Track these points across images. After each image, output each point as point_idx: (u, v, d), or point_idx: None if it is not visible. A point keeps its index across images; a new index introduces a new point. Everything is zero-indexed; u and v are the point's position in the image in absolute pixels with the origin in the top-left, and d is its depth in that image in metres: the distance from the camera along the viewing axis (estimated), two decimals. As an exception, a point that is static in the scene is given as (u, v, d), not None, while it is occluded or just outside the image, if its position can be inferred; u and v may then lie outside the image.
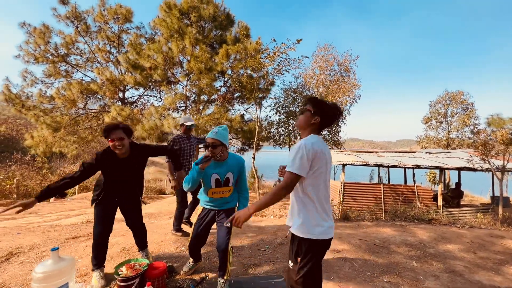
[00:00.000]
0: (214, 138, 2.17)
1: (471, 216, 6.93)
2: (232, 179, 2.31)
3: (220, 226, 2.34)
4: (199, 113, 10.72)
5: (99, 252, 2.45)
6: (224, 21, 11.79)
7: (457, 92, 14.25)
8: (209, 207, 2.39)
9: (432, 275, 2.85)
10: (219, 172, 2.25)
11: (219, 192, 2.29)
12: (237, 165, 2.32)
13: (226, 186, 2.30)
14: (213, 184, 2.27)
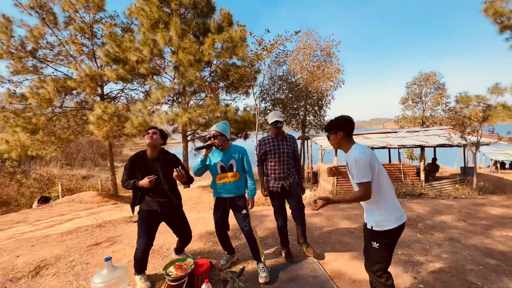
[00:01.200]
0: (215, 130, 2.54)
1: (450, 187, 7.80)
2: (235, 166, 2.60)
3: (237, 214, 2.65)
4: (188, 105, 10.52)
5: (141, 262, 2.50)
6: (205, 8, 11.36)
7: (430, 73, 15.32)
8: (221, 195, 2.64)
9: (436, 244, 3.28)
10: (223, 160, 2.58)
11: (225, 177, 2.58)
12: (238, 152, 2.63)
13: (231, 171, 2.58)
14: (219, 170, 2.58)
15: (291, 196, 2.79)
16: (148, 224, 2.48)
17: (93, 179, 20.42)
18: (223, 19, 11.35)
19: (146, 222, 2.47)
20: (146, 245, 2.42)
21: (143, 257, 2.45)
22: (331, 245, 3.31)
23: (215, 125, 2.61)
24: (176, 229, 2.77)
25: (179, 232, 2.80)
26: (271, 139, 2.81)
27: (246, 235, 2.61)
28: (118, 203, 11.89)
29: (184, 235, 2.82)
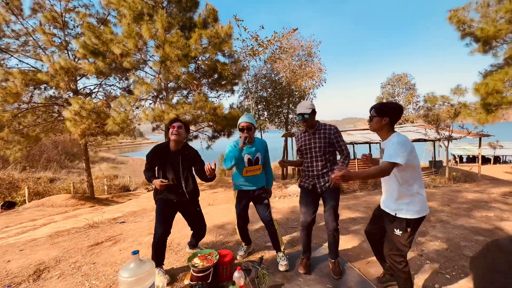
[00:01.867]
0: (249, 122, 2.51)
1: (426, 178, 8.53)
2: (260, 158, 2.63)
3: (258, 204, 2.66)
4: (171, 102, 10.17)
5: (160, 252, 2.45)
6: (189, 2, 11.09)
7: (402, 74, 16.56)
8: (244, 188, 2.64)
9: (430, 226, 3.60)
10: (250, 152, 2.57)
11: (252, 170, 2.58)
12: (262, 145, 2.65)
13: (257, 164, 2.60)
14: (247, 163, 2.57)
15: (325, 204, 2.39)
16: (165, 212, 2.46)
17: (60, 182, 18.91)
18: (208, 15, 11.15)
19: (163, 210, 2.46)
20: (163, 232, 2.39)
21: (161, 245, 2.41)
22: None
23: (245, 116, 2.56)
24: (191, 221, 2.73)
25: (193, 225, 2.76)
26: (302, 134, 2.51)
27: (267, 225, 2.63)
28: (95, 206, 11.18)
29: (199, 228, 2.79)
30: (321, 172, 2.36)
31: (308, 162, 2.43)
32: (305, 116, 2.32)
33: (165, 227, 2.42)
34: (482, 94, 9.51)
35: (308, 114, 2.32)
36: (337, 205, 2.34)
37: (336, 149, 2.41)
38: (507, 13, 9.76)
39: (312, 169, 2.41)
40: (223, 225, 3.85)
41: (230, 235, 3.47)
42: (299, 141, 2.51)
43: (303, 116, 2.33)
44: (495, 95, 9.06)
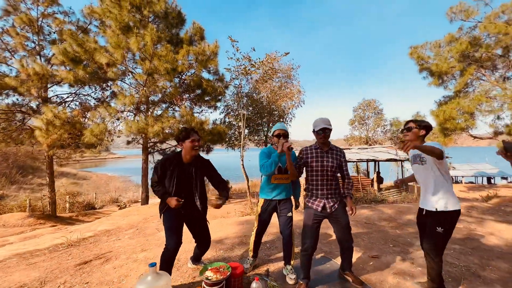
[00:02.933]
0: (284, 129, 2.62)
1: (397, 194, 9.26)
2: None
3: (282, 216, 2.68)
4: (151, 115, 9.93)
5: (171, 265, 2.37)
6: (176, 19, 11.33)
7: (371, 100, 18.27)
8: (270, 196, 2.67)
9: (413, 237, 3.93)
10: (281, 161, 2.57)
11: (280, 178, 2.61)
12: (293, 156, 2.62)
13: (286, 173, 2.61)
14: (276, 171, 2.61)
15: (337, 222, 2.35)
16: (175, 224, 2.40)
17: (10, 199, 16.76)
18: (195, 32, 11.45)
19: (174, 222, 2.40)
20: (177, 245, 2.34)
21: (173, 259, 2.36)
22: (334, 244, 3.61)
23: (280, 124, 2.68)
24: (196, 232, 2.65)
25: (199, 237, 2.69)
26: (315, 149, 2.39)
27: (286, 237, 2.64)
28: (58, 225, 10.08)
29: (205, 241, 2.73)
30: (331, 191, 2.33)
31: (319, 180, 2.34)
32: (326, 132, 2.27)
33: (177, 239, 2.37)
34: (440, 120, 10.84)
35: (329, 130, 2.29)
36: (349, 223, 2.37)
37: (341, 171, 2.42)
38: (456, 53, 11.50)
39: (323, 188, 2.33)
40: (221, 240, 3.79)
41: (230, 250, 3.43)
42: (309, 156, 2.39)
43: (325, 130, 2.26)
44: (451, 121, 10.40)
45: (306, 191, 2.49)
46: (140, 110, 10.50)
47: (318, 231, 2.38)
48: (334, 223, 2.39)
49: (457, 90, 12.33)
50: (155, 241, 3.92)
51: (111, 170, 51.34)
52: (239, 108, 13.21)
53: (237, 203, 10.79)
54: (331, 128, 2.29)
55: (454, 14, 11.16)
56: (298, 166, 2.47)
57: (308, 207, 2.41)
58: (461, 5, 10.97)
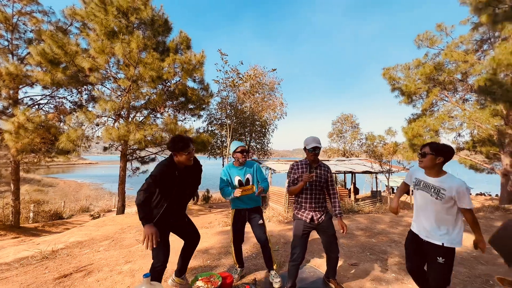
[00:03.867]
0: (245, 146, 2.89)
1: (371, 205, 9.80)
2: (251, 179, 2.86)
3: (254, 225, 2.86)
4: (133, 121, 9.71)
5: (161, 275, 2.38)
6: (162, 27, 11.36)
7: (349, 115, 19.40)
8: (240, 206, 2.86)
9: (387, 245, 4.24)
10: (240, 174, 2.84)
11: (244, 190, 2.72)
12: (252, 166, 2.91)
13: (248, 184, 2.83)
14: (237, 184, 2.82)
15: (325, 233, 2.52)
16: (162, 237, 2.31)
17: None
18: (181, 41, 11.53)
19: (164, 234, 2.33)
20: (167, 257, 2.34)
21: (162, 272, 2.36)
22: (316, 252, 3.81)
23: (239, 142, 2.94)
24: (185, 231, 2.59)
25: (188, 234, 2.61)
26: (305, 164, 2.56)
27: (263, 244, 2.82)
28: (21, 237, 9.28)
29: (194, 236, 2.65)
30: (319, 204, 2.50)
31: (308, 194, 2.49)
32: (316, 150, 2.43)
33: (167, 250, 2.36)
34: (409, 137, 11.77)
35: (319, 149, 2.45)
36: (335, 233, 2.53)
37: (327, 186, 2.59)
38: (422, 76, 12.67)
39: (311, 202, 2.48)
40: (206, 250, 3.81)
41: (216, 259, 3.47)
42: (299, 171, 2.54)
43: (316, 149, 2.42)
44: (418, 138, 11.34)
45: (295, 204, 2.63)
46: (121, 116, 10.22)
47: (306, 241, 2.53)
48: (321, 234, 2.55)
49: (424, 109, 13.52)
50: (139, 252, 3.84)
51: (80, 177, 48.15)
52: (224, 117, 13.35)
53: (218, 213, 10.70)
54: (321, 146, 2.50)
55: (421, 41, 12.39)
56: (290, 181, 2.59)
57: (297, 218, 2.55)
58: (427, 34, 12.22)
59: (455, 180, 1.89)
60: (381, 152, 9.79)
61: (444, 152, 1.93)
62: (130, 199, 22.73)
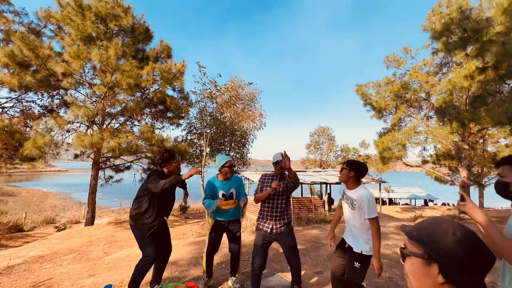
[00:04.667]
0: (231, 161, 2.95)
1: (345, 215, 10.09)
2: (235, 193, 2.92)
3: (231, 235, 2.96)
4: (107, 128, 9.43)
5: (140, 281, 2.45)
6: (143, 35, 11.34)
7: (325, 127, 20.24)
8: (220, 218, 2.93)
9: (353, 253, 4.48)
10: (224, 188, 2.88)
11: (226, 204, 2.79)
12: (237, 181, 2.98)
13: (231, 199, 2.88)
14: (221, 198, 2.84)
15: (285, 245, 2.64)
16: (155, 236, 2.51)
17: None
18: (162, 50, 11.55)
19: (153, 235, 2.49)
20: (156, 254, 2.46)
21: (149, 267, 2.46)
22: (284, 261, 3.93)
23: (227, 156, 2.99)
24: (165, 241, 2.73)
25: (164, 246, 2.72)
26: (271, 176, 2.74)
27: (234, 254, 2.93)
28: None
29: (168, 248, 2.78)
30: (280, 214, 2.62)
31: (270, 203, 2.61)
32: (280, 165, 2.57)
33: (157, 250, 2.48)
34: (380, 150, 12.52)
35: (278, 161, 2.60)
36: (296, 243, 2.68)
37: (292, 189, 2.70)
38: (391, 93, 13.65)
39: (273, 210, 2.60)
40: (175, 261, 3.79)
41: (185, 270, 3.47)
42: (266, 182, 2.71)
43: (278, 163, 2.59)
44: (388, 151, 12.10)
45: (259, 214, 2.73)
46: (95, 122, 9.87)
47: (267, 251, 2.64)
48: (282, 246, 2.66)
49: (393, 124, 14.49)
50: (104, 265, 3.72)
51: (47, 185, 44.69)
52: (203, 127, 13.32)
53: (194, 223, 10.52)
54: None
55: (390, 62, 13.45)
56: (258, 188, 2.76)
57: (258, 229, 2.67)
58: (394, 56, 13.32)
59: (362, 191, 2.06)
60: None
61: (356, 167, 2.14)
62: (102, 210, 21.59)
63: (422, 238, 0.67)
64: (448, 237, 0.62)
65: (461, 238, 0.61)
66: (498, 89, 8.61)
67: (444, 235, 0.63)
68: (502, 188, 1.29)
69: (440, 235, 0.64)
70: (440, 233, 0.64)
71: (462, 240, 0.61)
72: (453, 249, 0.61)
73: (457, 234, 0.62)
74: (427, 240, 0.65)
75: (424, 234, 0.67)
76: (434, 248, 0.63)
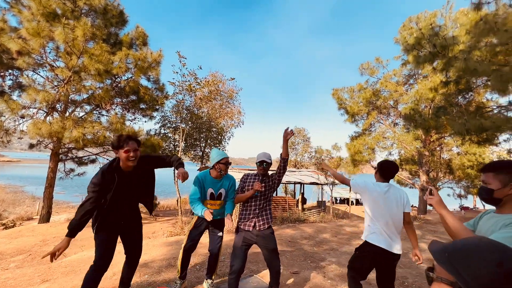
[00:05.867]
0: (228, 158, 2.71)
1: (317, 214, 10.50)
2: (223, 194, 2.73)
3: (213, 235, 2.81)
4: (70, 117, 8.58)
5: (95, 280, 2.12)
6: (116, 18, 10.53)
7: (301, 128, 20.70)
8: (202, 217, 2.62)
9: (327, 253, 4.58)
10: (214, 188, 2.68)
11: (212, 204, 2.68)
12: (228, 181, 2.76)
13: (219, 199, 2.72)
14: (208, 197, 2.68)
15: (265, 248, 2.56)
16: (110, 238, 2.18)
17: None
18: (137, 37, 10.84)
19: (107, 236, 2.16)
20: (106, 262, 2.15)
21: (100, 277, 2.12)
22: (262, 262, 3.87)
23: (224, 152, 2.71)
24: (130, 243, 2.39)
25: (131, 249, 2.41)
26: (254, 176, 2.65)
27: (214, 254, 2.78)
28: None
29: (137, 251, 2.45)
30: (262, 212, 2.55)
31: (253, 201, 2.53)
32: (264, 165, 2.53)
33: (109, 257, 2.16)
34: (351, 153, 13.11)
35: (268, 163, 2.54)
36: (277, 246, 2.62)
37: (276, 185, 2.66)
38: (364, 99, 14.35)
39: (255, 208, 2.52)
40: (146, 264, 3.52)
41: (156, 274, 3.24)
42: (247, 182, 2.62)
43: (263, 163, 2.52)
44: (359, 154, 12.73)
45: (240, 215, 2.61)
46: (56, 109, 8.91)
47: (246, 254, 2.55)
48: (263, 249, 2.56)
49: (364, 128, 15.28)
50: (61, 268, 3.33)
51: (-6, 177, 39.75)
52: (178, 121, 12.75)
53: (164, 221, 10.05)
54: (270, 162, 2.56)
55: (364, 69, 14.14)
56: (239, 188, 2.67)
57: (240, 230, 2.56)
58: (368, 64, 14.03)
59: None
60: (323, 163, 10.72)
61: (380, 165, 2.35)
62: (60, 205, 19.72)
63: (456, 265, 0.53)
64: (491, 268, 0.50)
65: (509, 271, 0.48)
66: (458, 101, 9.47)
67: (486, 264, 0.50)
68: (486, 195, 1.33)
69: (480, 264, 0.51)
70: (481, 260, 0.51)
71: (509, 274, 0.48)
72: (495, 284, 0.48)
73: (503, 266, 0.49)
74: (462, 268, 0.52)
75: (459, 260, 0.53)
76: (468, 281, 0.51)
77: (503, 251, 0.52)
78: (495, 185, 1.29)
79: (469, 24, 7.50)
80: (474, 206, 23.80)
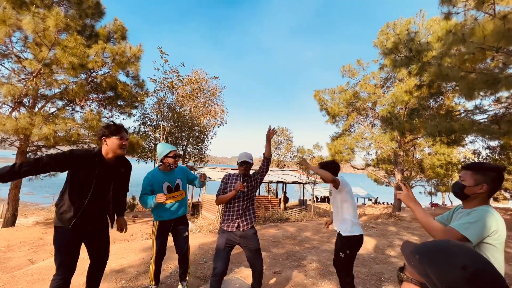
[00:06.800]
0: (176, 151, 2.71)
1: (299, 213, 10.68)
2: (181, 184, 2.71)
3: (178, 236, 2.74)
4: (40, 112, 8.01)
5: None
6: (92, 9, 9.98)
7: (284, 128, 20.95)
8: (165, 217, 2.63)
9: (308, 251, 4.66)
10: (169, 180, 2.62)
11: (171, 197, 2.59)
12: (181, 170, 2.78)
13: (177, 190, 2.67)
14: (165, 191, 2.59)
15: (249, 249, 2.55)
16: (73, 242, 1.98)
17: None
18: (116, 30, 10.35)
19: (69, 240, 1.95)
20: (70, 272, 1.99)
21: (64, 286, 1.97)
22: (244, 263, 3.85)
23: (170, 145, 2.67)
24: (99, 246, 2.20)
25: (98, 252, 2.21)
26: (236, 177, 2.62)
27: (183, 255, 2.73)
28: None
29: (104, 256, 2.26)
30: (245, 212, 2.53)
31: (235, 202, 2.51)
32: (246, 165, 2.52)
33: (72, 266, 1.99)
34: (332, 152, 13.47)
35: (250, 164, 2.54)
36: (259, 248, 2.61)
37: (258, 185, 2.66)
38: (344, 101, 14.79)
39: (239, 209, 2.50)
40: (123, 269, 3.37)
41: (133, 279, 3.11)
42: (229, 182, 2.60)
43: (245, 163, 2.52)
44: (339, 154, 13.11)
45: (223, 216, 2.59)
46: (23, 104, 8.27)
47: (229, 256, 2.52)
48: (246, 249, 2.55)
49: (344, 129, 15.76)
50: (27, 277, 3.09)
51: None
52: (159, 119, 12.35)
53: (143, 223, 9.72)
54: (251, 162, 2.56)
55: (345, 71, 14.56)
56: (220, 189, 2.62)
57: (222, 232, 2.53)
58: (349, 66, 14.46)
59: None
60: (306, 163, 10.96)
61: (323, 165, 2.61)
62: (28, 207, 18.39)
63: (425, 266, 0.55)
64: (456, 271, 0.51)
65: (472, 275, 0.50)
66: (430, 104, 10.06)
67: (451, 267, 0.52)
68: (458, 189, 1.42)
69: (446, 266, 0.52)
70: (448, 263, 0.53)
71: (471, 279, 0.49)
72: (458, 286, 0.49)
73: (467, 269, 0.50)
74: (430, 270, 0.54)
75: (427, 261, 0.55)
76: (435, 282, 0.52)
77: (468, 255, 0.54)
78: (469, 182, 1.38)
79: (440, 32, 7.98)
80: (443, 203, 25.53)
